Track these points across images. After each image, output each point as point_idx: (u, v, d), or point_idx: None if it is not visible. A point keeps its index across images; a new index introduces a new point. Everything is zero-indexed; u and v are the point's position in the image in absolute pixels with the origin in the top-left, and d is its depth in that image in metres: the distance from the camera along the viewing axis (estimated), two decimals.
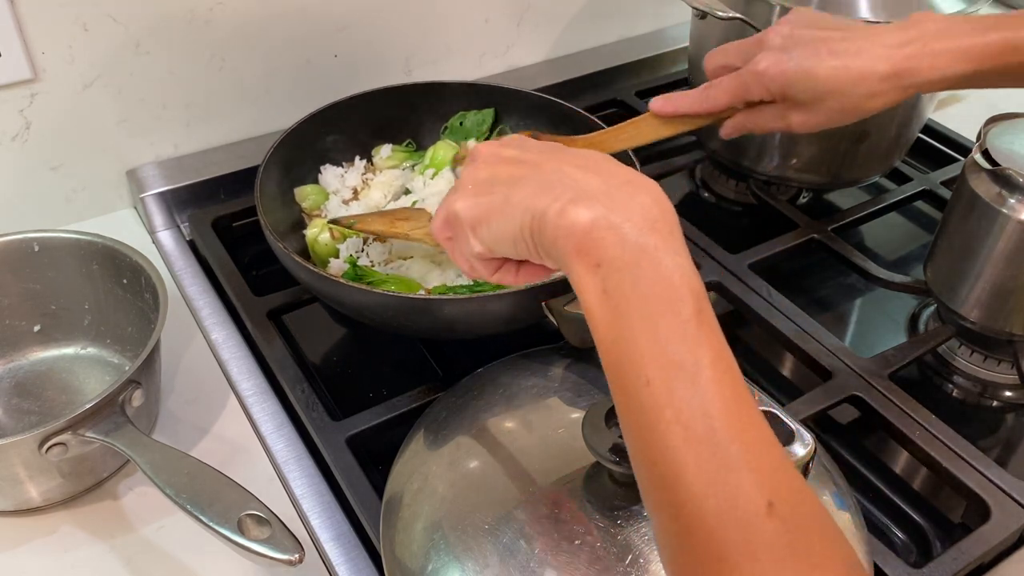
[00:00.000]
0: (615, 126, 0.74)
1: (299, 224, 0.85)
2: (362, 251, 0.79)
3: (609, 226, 0.42)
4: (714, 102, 0.70)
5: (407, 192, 0.87)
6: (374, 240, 0.79)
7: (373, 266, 0.78)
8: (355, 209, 0.84)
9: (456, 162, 0.84)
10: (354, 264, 0.77)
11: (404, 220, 0.75)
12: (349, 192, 0.87)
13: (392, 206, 0.84)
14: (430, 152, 0.89)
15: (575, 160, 0.47)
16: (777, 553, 0.36)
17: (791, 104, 0.68)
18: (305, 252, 0.82)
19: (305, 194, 0.86)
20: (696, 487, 0.37)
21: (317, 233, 0.81)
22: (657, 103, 0.71)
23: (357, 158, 0.90)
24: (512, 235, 0.47)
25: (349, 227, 0.76)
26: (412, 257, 0.78)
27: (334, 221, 0.78)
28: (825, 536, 0.38)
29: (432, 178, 0.86)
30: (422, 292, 0.74)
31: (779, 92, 0.67)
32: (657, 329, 0.40)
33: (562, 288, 0.65)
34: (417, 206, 0.81)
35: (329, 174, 0.88)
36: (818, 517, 0.38)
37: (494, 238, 0.48)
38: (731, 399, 0.39)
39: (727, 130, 0.72)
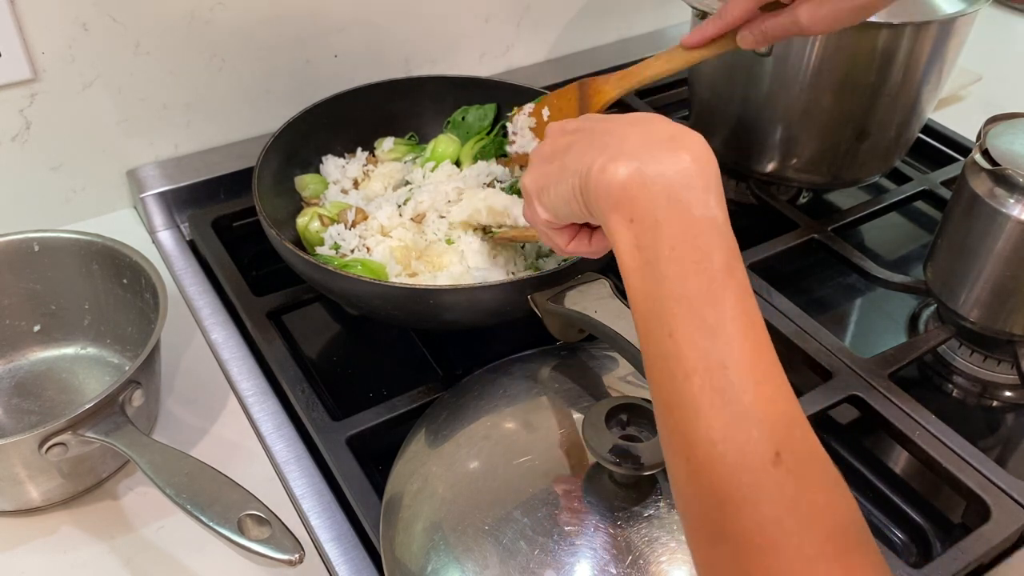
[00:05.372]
0: (650, 57, 0.77)
1: (298, 213, 0.85)
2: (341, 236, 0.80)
3: (643, 183, 0.43)
4: (731, 16, 0.71)
5: (406, 184, 0.87)
6: (352, 226, 0.80)
7: (352, 252, 0.78)
8: (353, 198, 0.85)
9: (514, 161, 0.86)
10: (336, 248, 0.78)
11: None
12: (349, 182, 0.87)
13: (391, 197, 0.84)
14: (431, 145, 0.90)
15: (627, 118, 0.49)
16: (779, 501, 0.37)
17: (800, 1, 0.68)
18: (301, 242, 0.83)
19: (305, 183, 0.86)
20: (709, 433, 0.39)
21: (307, 221, 0.81)
22: (686, 39, 0.74)
23: (359, 149, 0.90)
24: (566, 197, 0.49)
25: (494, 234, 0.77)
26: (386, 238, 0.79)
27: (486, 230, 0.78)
28: (829, 490, 0.39)
29: (432, 171, 0.87)
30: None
31: None
32: (684, 284, 0.42)
33: (548, 282, 0.66)
34: (413, 198, 0.82)
35: (330, 164, 0.88)
36: (825, 472, 0.39)
37: (554, 203, 0.51)
38: (750, 352, 0.41)
39: (745, 39, 0.72)
